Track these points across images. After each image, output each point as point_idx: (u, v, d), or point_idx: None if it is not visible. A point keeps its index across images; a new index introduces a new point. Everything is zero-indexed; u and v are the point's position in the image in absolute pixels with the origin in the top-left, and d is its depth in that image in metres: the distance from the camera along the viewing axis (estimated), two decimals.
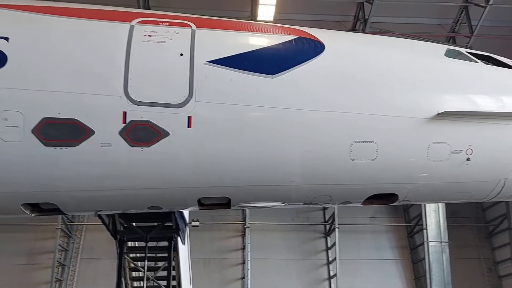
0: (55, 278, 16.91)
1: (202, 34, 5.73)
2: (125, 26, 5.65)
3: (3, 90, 5.09)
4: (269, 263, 18.50)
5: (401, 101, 5.78)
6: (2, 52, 5.23)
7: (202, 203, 6.01)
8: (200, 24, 5.90)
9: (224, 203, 6.06)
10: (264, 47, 6.00)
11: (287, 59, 5.73)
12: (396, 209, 19.35)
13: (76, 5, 6.23)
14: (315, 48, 5.91)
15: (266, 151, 5.48)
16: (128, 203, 6.04)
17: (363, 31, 16.25)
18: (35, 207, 5.81)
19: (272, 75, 5.51)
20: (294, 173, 5.63)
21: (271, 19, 15.17)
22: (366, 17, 16.16)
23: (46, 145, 5.13)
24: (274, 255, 18.68)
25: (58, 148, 5.16)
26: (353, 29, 17.11)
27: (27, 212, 5.78)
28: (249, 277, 18.00)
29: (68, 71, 5.31)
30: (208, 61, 5.48)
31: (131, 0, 14.73)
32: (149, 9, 15.04)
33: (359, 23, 16.85)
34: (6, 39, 5.32)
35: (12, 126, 5.05)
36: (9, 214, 6.25)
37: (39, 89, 5.17)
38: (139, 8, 14.15)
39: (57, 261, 17.15)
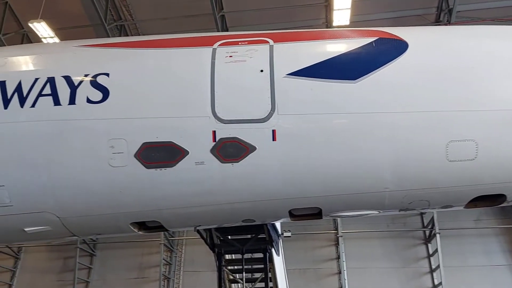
0: None
1: (280, 48, 5.85)
2: (208, 50, 5.98)
3: (108, 121, 5.67)
4: (367, 272, 17.90)
5: (498, 93, 5.31)
6: (105, 87, 5.83)
7: (293, 214, 6.06)
8: (277, 39, 6.03)
9: (315, 213, 6.04)
10: (343, 53, 5.92)
11: (368, 62, 5.60)
12: (504, 210, 17.58)
13: (162, 36, 6.76)
14: (397, 47, 5.70)
15: (355, 158, 5.38)
16: (224, 217, 6.30)
17: (448, 22, 15.25)
18: (141, 225, 6.33)
19: (354, 80, 5.42)
20: (386, 179, 5.43)
21: (347, 23, 14.90)
22: (450, 7, 15.15)
23: (147, 167, 5.57)
24: (371, 263, 18.05)
25: (158, 169, 5.56)
26: (437, 22, 16.15)
27: (135, 230, 6.30)
28: (347, 287, 17.56)
29: (162, 98, 5.75)
30: (288, 74, 5.57)
31: (209, 24, 15.53)
32: (227, 30, 15.72)
33: (443, 14, 15.86)
34: (107, 74, 5.93)
35: (118, 153, 5.59)
36: (120, 233, 6.85)
37: (138, 117, 5.66)
38: (218, 31, 14.86)
39: (163, 274, 18.38)
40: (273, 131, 5.35)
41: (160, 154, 5.57)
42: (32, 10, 14.30)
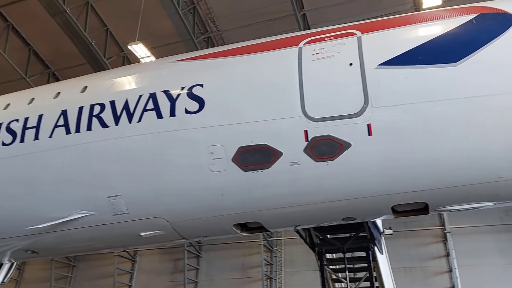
0: None
1: (369, 39, 5.65)
2: (294, 50, 6.00)
3: (206, 129, 5.97)
4: (480, 270, 16.45)
5: None
6: (200, 97, 6.16)
7: (396, 211, 5.79)
8: (365, 29, 5.83)
9: (421, 209, 5.71)
10: (440, 35, 5.50)
11: (469, 42, 5.14)
12: None
13: (248, 43, 6.92)
14: (502, 22, 5.15)
15: (463, 147, 4.96)
16: (323, 216, 6.25)
17: None
18: (243, 227, 6.55)
19: (455, 62, 5.01)
20: (500, 166, 4.93)
21: (439, 3, 13.86)
22: None
23: (245, 170, 5.75)
24: (485, 260, 16.52)
25: (254, 172, 5.72)
26: None
27: (238, 231, 6.54)
28: (459, 286, 16.29)
29: (253, 103, 5.90)
30: (379, 64, 5.36)
31: (292, 25, 15.58)
32: (309, 28, 15.61)
33: None
34: (201, 85, 6.25)
35: (217, 158, 5.86)
36: (224, 234, 7.16)
37: (233, 123, 5.87)
38: (300, 30, 14.83)
39: (265, 274, 18.79)
40: (368, 126, 5.17)
41: (255, 157, 5.71)
42: (130, 34, 15.67)
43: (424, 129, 5.07)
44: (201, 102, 6.12)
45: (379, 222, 9.37)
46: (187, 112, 6.11)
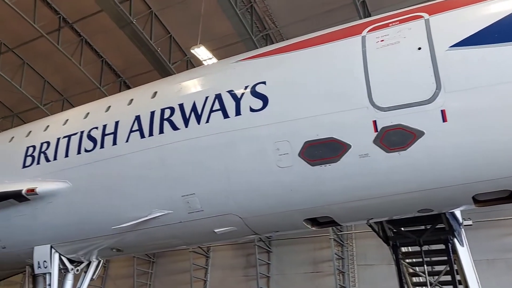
0: (339, 285, 18.30)
1: (437, 20, 5.35)
2: (357, 39, 5.85)
3: (271, 126, 6.03)
4: None
5: None
6: (264, 95, 6.22)
7: (478, 200, 5.44)
8: (432, 11, 5.53)
9: (505, 197, 5.31)
10: None
11: None
12: None
13: (308, 36, 6.84)
14: None
15: None
16: (397, 209, 6.05)
17: None
18: (314, 221, 6.53)
19: None
20: None
21: None
22: None
23: (313, 165, 5.72)
24: None
25: (322, 166, 5.67)
26: None
27: (308, 226, 6.54)
28: None
29: (317, 96, 5.84)
30: (451, 46, 5.06)
31: (351, 13, 15.17)
32: (370, 15, 15.10)
33: None
34: (264, 83, 6.31)
35: (284, 154, 5.89)
36: (295, 229, 7.18)
37: (297, 118, 5.87)
38: (361, 18, 14.39)
39: (337, 268, 18.57)
40: (442, 112, 4.91)
41: (322, 150, 5.65)
42: (192, 38, 16.22)
43: (504, 112, 4.71)
44: (264, 99, 6.18)
45: (457, 212, 8.86)
46: (251, 110, 6.21)
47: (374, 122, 5.30)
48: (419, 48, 5.19)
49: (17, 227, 8.25)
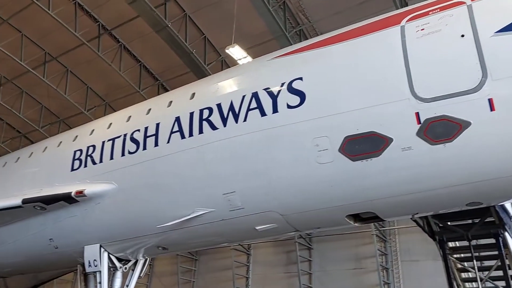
0: (383, 281, 17.95)
1: (481, 5, 5.13)
2: (395, 30, 5.70)
3: (310, 122, 5.99)
4: None
5: None
6: (301, 91, 6.19)
7: None
8: None
9: None
10: None
11: None
12: None
13: (344, 29, 6.72)
14: None
15: None
16: (444, 203, 5.85)
17: None
18: (356, 217, 6.44)
19: None
20: None
21: None
22: None
23: (354, 160, 5.64)
24: None
25: (364, 160, 5.57)
26: None
27: (351, 222, 6.45)
28: None
29: (356, 90, 5.74)
30: (496, 32, 4.83)
31: (386, 4, 14.77)
32: (407, 5, 14.64)
33: None
34: (301, 79, 6.27)
35: (323, 150, 5.84)
36: (337, 225, 7.12)
37: (336, 113, 5.80)
38: (397, 8, 13.99)
39: (380, 264, 18.20)
40: (490, 100, 4.71)
41: (363, 145, 5.56)
42: (225, 38, 16.35)
43: None
44: (302, 95, 6.15)
45: (508, 205, 8.46)
46: (289, 107, 6.20)
47: (417, 114, 5.16)
48: (462, 36, 5.00)
49: (68, 227, 8.66)
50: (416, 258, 17.78)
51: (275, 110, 6.30)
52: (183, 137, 7.17)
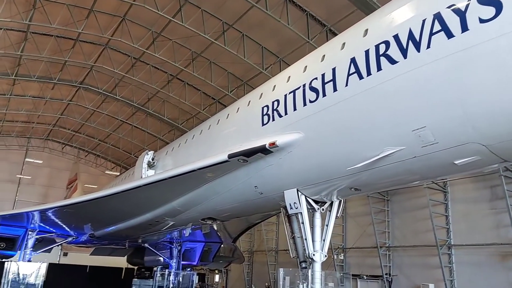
0: None
1: None
2: None
3: (510, 34, 5.07)
4: None
5: None
6: (497, 1, 5.24)
7: None
8: None
9: None
10: None
11: None
12: None
13: None
14: None
15: None
16: None
17: None
18: None
19: None
20: None
21: None
22: None
23: None
24: None
25: None
26: None
27: None
28: None
29: None
30: None
31: None
32: None
33: None
34: None
35: None
36: None
37: None
38: None
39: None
40: None
41: None
42: None
43: None
44: (497, 4, 5.22)
45: None
46: (481, 21, 5.36)
47: None
48: None
49: (268, 175, 9.68)
50: None
51: (464, 28, 5.53)
52: (361, 77, 7.01)
